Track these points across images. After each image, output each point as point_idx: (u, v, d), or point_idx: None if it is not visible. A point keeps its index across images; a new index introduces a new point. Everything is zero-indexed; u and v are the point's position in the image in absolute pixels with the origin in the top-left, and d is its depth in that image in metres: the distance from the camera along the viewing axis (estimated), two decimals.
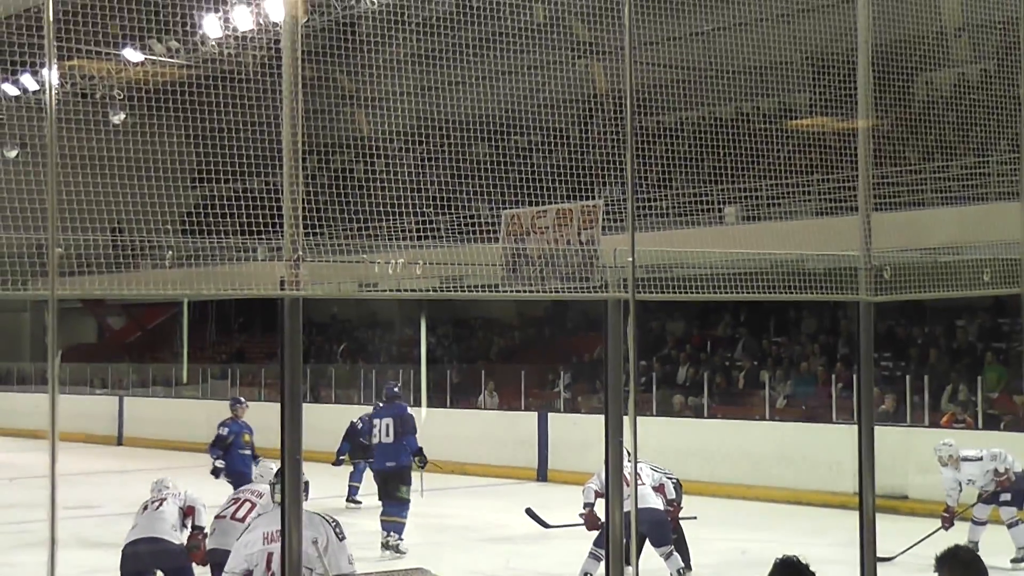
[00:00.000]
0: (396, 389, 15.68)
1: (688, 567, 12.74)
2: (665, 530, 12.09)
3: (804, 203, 15.08)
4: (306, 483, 11.05)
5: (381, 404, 15.50)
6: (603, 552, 11.90)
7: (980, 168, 13.14)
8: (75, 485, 20.06)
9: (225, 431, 16.49)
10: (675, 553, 12.17)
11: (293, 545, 5.14)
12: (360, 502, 18.33)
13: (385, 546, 13.71)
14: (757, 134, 9.04)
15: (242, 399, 17.49)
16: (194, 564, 10.29)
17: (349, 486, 18.94)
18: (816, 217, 13.78)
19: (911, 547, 13.18)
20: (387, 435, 14.56)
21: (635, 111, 6.04)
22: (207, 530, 10.33)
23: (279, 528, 7.15)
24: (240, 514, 10.29)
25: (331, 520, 7.22)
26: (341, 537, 7.05)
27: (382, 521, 14.04)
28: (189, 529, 10.36)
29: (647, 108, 7.86)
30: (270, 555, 6.89)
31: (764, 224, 17.43)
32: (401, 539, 13.79)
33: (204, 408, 30.12)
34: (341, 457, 18.93)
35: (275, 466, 11.03)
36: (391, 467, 14.39)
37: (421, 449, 14.83)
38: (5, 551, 15.09)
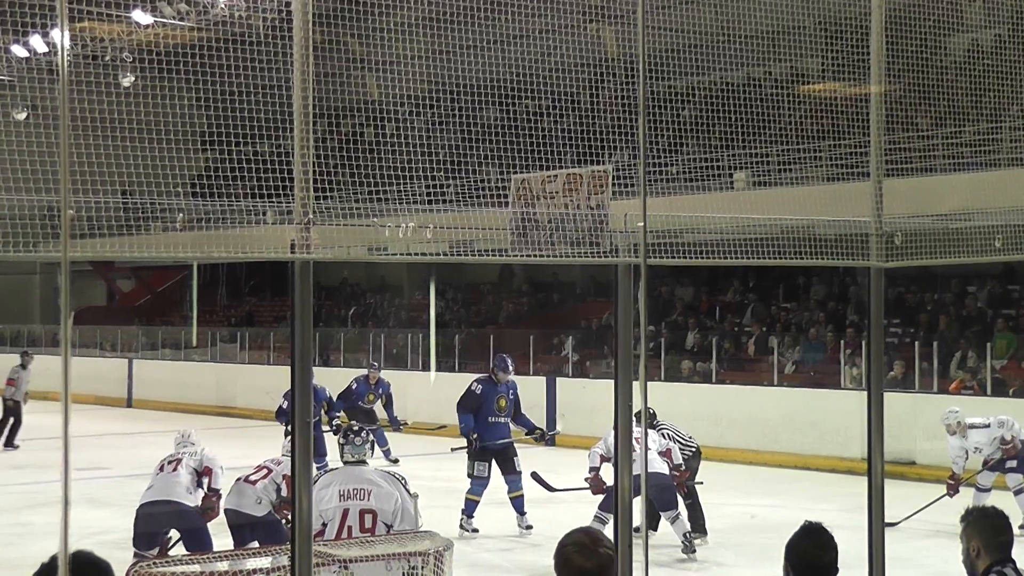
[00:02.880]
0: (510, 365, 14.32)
1: (703, 532, 12.81)
2: (670, 495, 12.13)
3: (815, 169, 15.02)
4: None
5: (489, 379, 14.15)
6: (608, 516, 11.88)
7: (992, 134, 13.08)
8: (85, 447, 20.18)
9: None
10: (681, 518, 12.22)
11: (303, 505, 5.16)
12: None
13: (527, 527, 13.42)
14: (768, 99, 8.99)
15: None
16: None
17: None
18: (827, 183, 13.71)
19: (915, 513, 13.23)
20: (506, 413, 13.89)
21: (646, 76, 6.02)
22: (221, 491, 10.45)
23: (356, 486, 7.60)
24: (254, 478, 10.56)
25: (400, 477, 7.92)
26: (411, 493, 7.76)
27: (514, 499, 13.54)
28: (205, 490, 10.45)
29: (658, 73, 7.81)
30: (346, 511, 7.62)
31: (774, 190, 17.37)
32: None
33: (214, 371, 30.25)
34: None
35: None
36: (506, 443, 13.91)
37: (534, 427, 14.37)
38: (17, 511, 15.19)
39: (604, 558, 3.90)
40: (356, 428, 8.52)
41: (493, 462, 13.60)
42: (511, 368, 14.10)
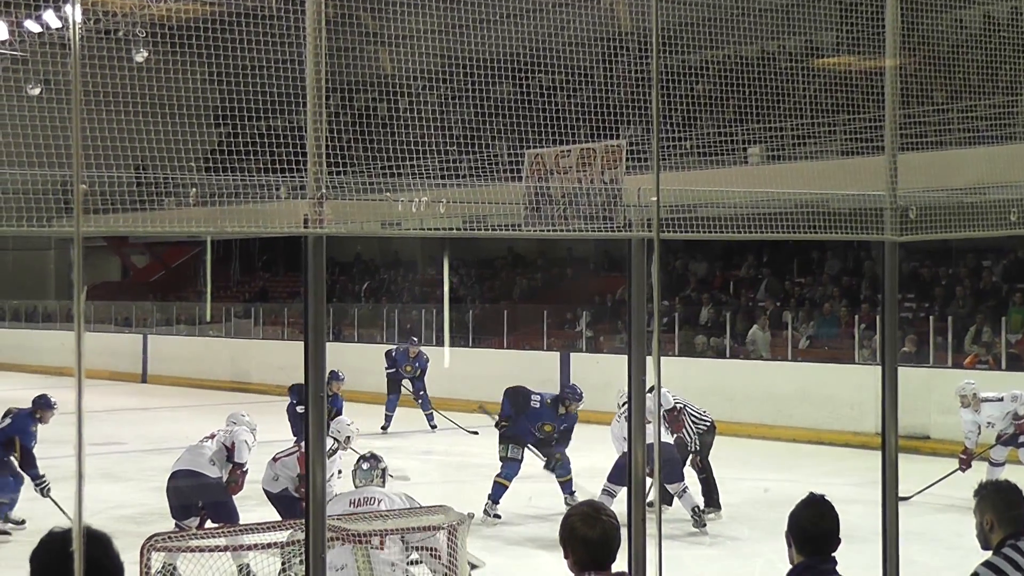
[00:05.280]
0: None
1: (717, 507, 12.83)
2: (676, 467, 12.17)
3: (829, 143, 14.95)
4: (348, 437, 11.30)
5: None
6: (616, 488, 12.08)
7: (1009, 107, 13.01)
8: (100, 422, 20.26)
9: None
10: (689, 492, 12.24)
11: (317, 483, 5.18)
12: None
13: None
14: (782, 73, 8.95)
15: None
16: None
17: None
18: (842, 157, 13.65)
19: (928, 487, 13.22)
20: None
21: (660, 50, 5.99)
22: (246, 467, 10.56)
23: (367, 495, 7.77)
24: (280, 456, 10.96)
25: (411, 498, 7.94)
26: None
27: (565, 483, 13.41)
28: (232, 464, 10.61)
29: (671, 47, 7.78)
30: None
31: (789, 164, 17.30)
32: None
33: (228, 347, 30.32)
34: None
35: (350, 434, 11.29)
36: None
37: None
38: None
39: (607, 526, 4.06)
40: (368, 455, 8.60)
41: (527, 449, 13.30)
42: (580, 401, 13.43)
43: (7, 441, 12.16)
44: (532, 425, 13.21)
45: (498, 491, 12.98)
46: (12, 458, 12.37)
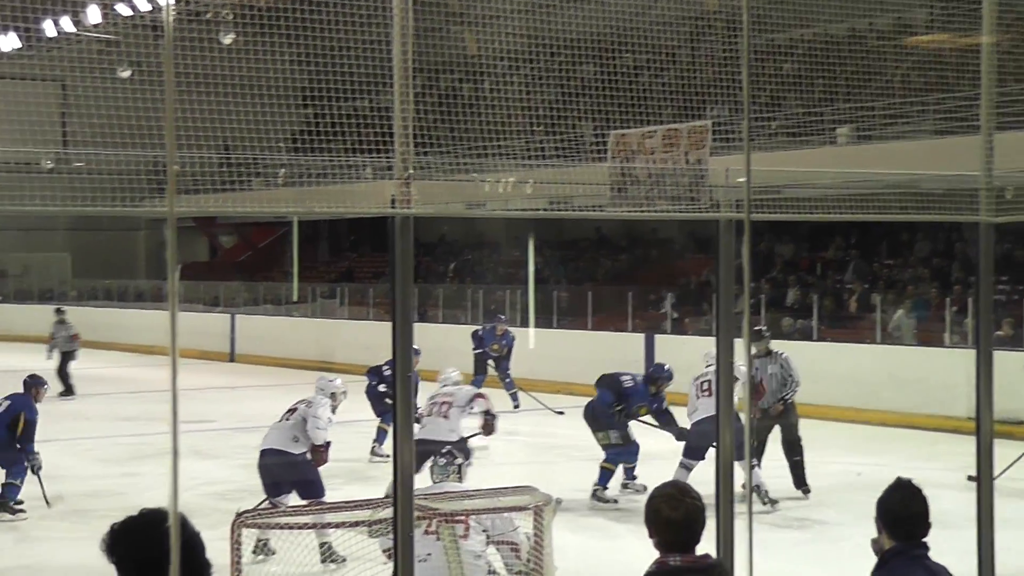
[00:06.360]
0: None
1: (806, 488, 12.78)
2: (738, 440, 12.12)
3: (921, 123, 14.71)
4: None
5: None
6: (692, 463, 12.21)
7: None
8: (190, 400, 20.51)
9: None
10: (755, 470, 12.11)
11: (405, 460, 5.19)
12: None
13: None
14: (872, 52, 8.82)
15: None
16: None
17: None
18: (934, 137, 13.42)
19: (1006, 469, 12.99)
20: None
21: (750, 27, 5.92)
22: (320, 443, 10.63)
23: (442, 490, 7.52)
24: (444, 411, 12.17)
25: None
26: None
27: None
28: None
29: (758, 26, 7.69)
30: None
31: (879, 144, 17.08)
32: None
33: (314, 326, 30.61)
34: None
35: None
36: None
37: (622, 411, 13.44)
38: (126, 462, 15.56)
39: (691, 508, 4.06)
40: (445, 451, 8.63)
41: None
42: (671, 381, 13.44)
43: (12, 422, 12.39)
44: (630, 408, 13.18)
45: (605, 476, 12.92)
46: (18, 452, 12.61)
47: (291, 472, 10.46)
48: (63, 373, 23.19)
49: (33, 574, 9.54)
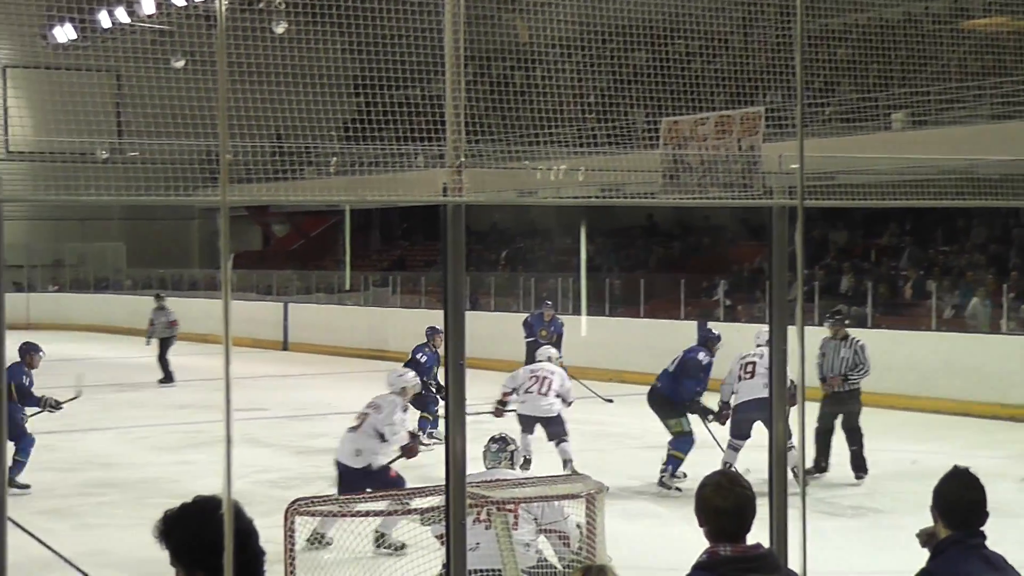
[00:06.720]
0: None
1: (863, 471, 12.74)
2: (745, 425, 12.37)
3: (978, 107, 14.53)
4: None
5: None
6: (739, 443, 12.38)
7: None
8: (243, 388, 20.71)
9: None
10: (792, 452, 12.01)
11: (457, 450, 5.20)
12: None
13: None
14: (928, 36, 8.72)
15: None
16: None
17: None
18: (991, 122, 13.25)
19: None
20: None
21: (804, 12, 5.86)
22: (408, 434, 10.61)
23: (492, 478, 7.54)
24: (544, 389, 12.79)
25: None
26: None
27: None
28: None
29: (812, 11, 7.62)
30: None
31: (934, 129, 16.88)
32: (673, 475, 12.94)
33: (366, 315, 30.72)
34: None
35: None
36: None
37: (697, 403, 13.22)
38: (179, 449, 15.70)
39: (741, 497, 4.03)
40: (498, 437, 8.61)
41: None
42: (719, 341, 13.55)
43: (10, 393, 12.38)
44: (693, 388, 13.02)
45: (674, 464, 12.80)
46: (21, 417, 12.71)
47: (367, 483, 10.23)
48: (163, 360, 23.07)
49: (91, 559, 9.64)
